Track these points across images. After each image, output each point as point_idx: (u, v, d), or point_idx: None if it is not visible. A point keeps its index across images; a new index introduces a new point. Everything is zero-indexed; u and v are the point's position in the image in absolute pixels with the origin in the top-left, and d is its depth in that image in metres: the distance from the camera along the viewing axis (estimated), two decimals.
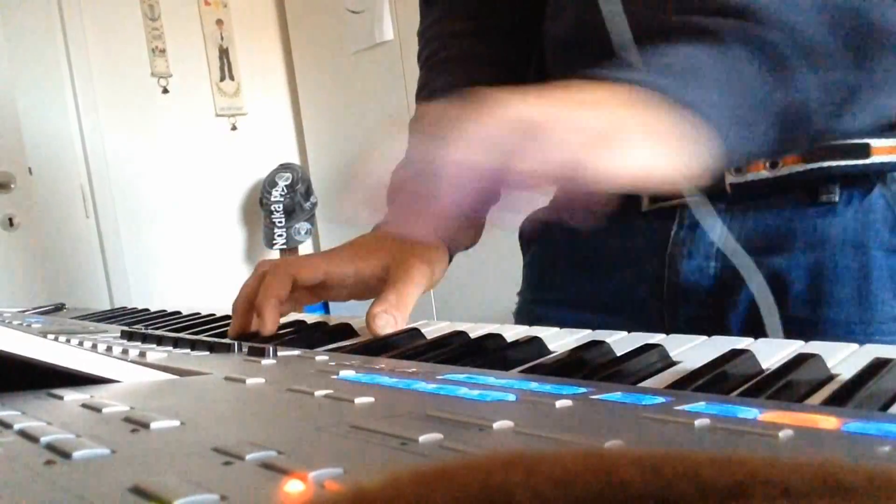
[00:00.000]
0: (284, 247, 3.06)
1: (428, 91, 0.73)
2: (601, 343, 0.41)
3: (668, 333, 0.44)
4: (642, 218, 0.61)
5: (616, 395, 0.27)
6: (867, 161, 0.52)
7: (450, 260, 0.65)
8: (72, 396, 0.30)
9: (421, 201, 0.41)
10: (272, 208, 3.07)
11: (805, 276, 0.54)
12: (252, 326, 0.59)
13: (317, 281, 0.59)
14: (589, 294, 0.66)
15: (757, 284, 0.52)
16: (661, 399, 0.26)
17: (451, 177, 0.38)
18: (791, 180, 0.55)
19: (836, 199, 0.54)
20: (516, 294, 0.76)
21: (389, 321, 0.54)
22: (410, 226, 0.46)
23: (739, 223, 0.58)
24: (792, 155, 0.55)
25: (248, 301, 0.59)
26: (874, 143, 0.52)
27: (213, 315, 0.74)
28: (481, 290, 2.39)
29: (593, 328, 0.49)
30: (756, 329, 0.50)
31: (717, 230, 0.58)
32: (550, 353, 0.43)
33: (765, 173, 0.56)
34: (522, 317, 0.72)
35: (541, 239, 0.74)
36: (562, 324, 0.52)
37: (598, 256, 0.66)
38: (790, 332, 0.50)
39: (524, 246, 0.77)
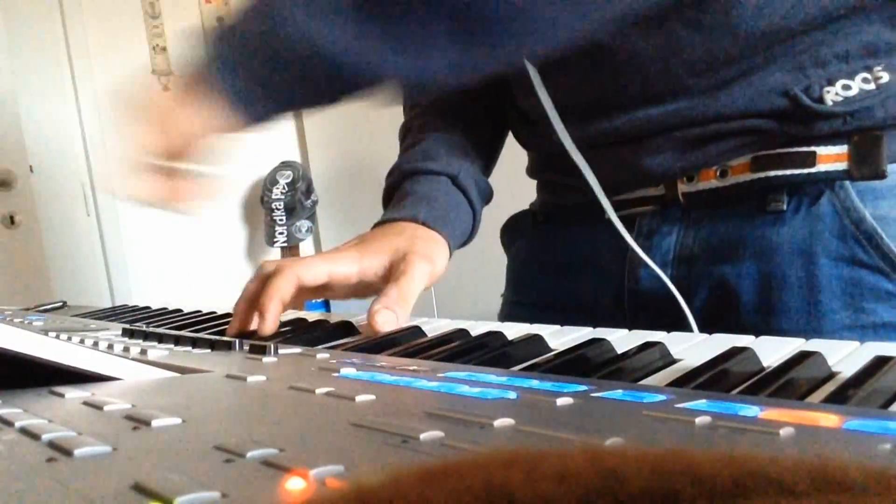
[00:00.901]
0: (285, 244, 3.06)
1: (412, 115, 0.76)
2: (602, 341, 0.41)
3: None
4: (605, 226, 0.62)
5: (617, 393, 0.27)
6: (813, 169, 0.52)
7: (450, 255, 0.65)
8: (73, 394, 0.30)
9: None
10: (273, 206, 3.07)
11: (754, 284, 0.55)
12: (252, 326, 0.59)
13: (321, 283, 0.59)
14: (560, 296, 0.68)
15: None
16: (661, 397, 0.26)
17: None
18: (740, 189, 0.56)
19: (784, 207, 0.54)
20: (500, 296, 0.77)
21: (391, 317, 0.54)
22: None
23: (694, 232, 0.59)
24: (740, 164, 0.55)
25: (250, 302, 0.59)
26: (820, 151, 0.52)
27: (215, 313, 0.74)
28: (482, 288, 2.39)
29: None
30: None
31: (671, 238, 0.59)
32: (551, 350, 0.43)
33: (715, 182, 0.57)
34: (503, 318, 0.73)
35: (519, 240, 0.75)
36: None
37: (568, 260, 0.68)
38: None
39: (506, 246, 0.77)
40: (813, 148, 0.52)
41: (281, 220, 3.06)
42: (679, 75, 0.55)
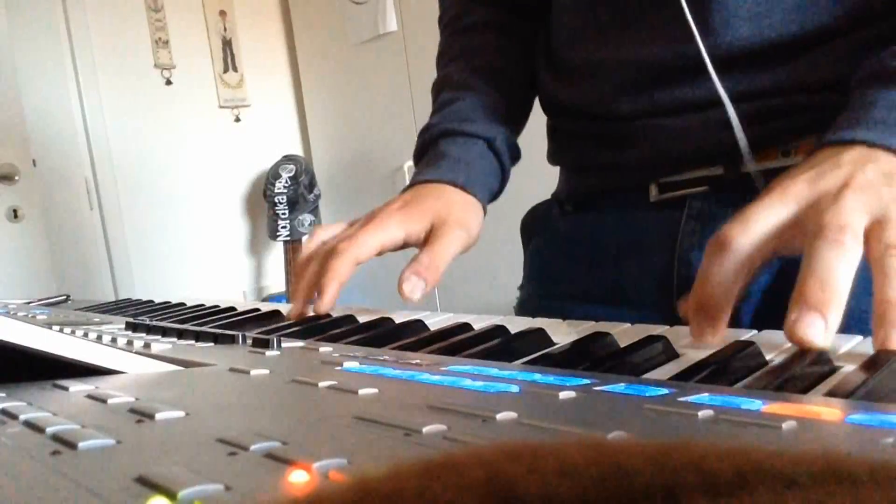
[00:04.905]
0: (288, 238, 3.07)
1: (448, 57, 0.76)
2: (605, 334, 0.41)
3: (671, 325, 0.44)
4: (650, 209, 0.60)
5: (620, 387, 0.27)
6: None
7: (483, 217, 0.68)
8: (77, 387, 0.30)
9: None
10: (276, 200, 3.07)
11: None
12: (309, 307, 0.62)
13: (373, 256, 0.61)
14: (596, 286, 0.66)
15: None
16: (664, 390, 0.26)
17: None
18: None
19: None
20: (517, 288, 0.76)
21: (419, 285, 0.56)
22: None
23: None
24: (805, 144, 0.53)
25: (312, 285, 0.61)
26: None
27: (217, 306, 0.74)
28: (485, 281, 2.39)
29: (600, 321, 0.49)
30: (769, 319, 0.50)
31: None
32: (554, 344, 0.43)
33: (777, 162, 0.54)
34: (526, 311, 0.72)
35: (543, 231, 0.74)
36: (568, 316, 0.51)
37: (606, 248, 0.66)
38: None
39: (525, 238, 0.77)
40: None
41: (284, 213, 3.07)
42: (766, 37, 0.53)
